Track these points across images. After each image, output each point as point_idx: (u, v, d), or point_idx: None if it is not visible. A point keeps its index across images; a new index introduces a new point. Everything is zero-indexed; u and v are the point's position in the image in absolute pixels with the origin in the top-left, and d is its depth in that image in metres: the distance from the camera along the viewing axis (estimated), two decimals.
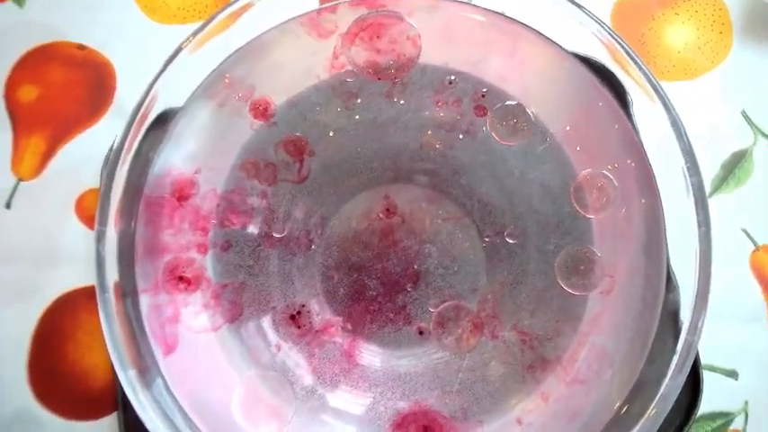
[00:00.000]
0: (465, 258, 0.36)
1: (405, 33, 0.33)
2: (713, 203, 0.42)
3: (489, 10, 0.33)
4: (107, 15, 0.42)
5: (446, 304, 0.35)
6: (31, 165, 0.40)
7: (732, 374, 0.41)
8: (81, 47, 0.42)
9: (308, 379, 0.33)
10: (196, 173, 0.32)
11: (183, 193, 0.31)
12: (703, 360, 0.39)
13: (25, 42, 0.42)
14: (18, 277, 0.39)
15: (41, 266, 0.39)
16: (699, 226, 0.30)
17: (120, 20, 0.42)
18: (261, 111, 0.33)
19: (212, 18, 0.31)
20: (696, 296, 0.30)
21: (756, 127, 0.44)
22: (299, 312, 0.34)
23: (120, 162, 0.29)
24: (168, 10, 0.42)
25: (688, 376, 0.38)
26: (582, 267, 0.33)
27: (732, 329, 0.42)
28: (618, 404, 0.30)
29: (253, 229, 0.34)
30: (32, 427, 0.37)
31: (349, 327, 0.35)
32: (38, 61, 0.42)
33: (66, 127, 0.41)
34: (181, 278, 0.31)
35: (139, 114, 0.30)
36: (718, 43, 0.44)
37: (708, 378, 0.39)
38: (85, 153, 0.40)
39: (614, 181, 0.33)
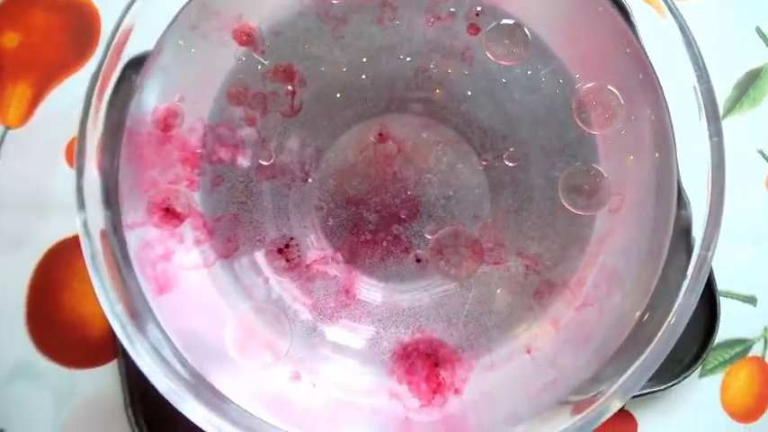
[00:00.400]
0: (467, 187, 0.34)
1: None
2: (727, 125, 0.40)
3: None
4: None
5: (444, 230, 0.34)
6: (17, 113, 0.39)
7: (750, 300, 0.40)
8: None
9: (306, 315, 0.33)
10: (179, 101, 0.31)
11: (167, 123, 0.30)
12: (720, 287, 0.38)
13: None
14: (11, 227, 0.38)
15: (34, 215, 0.38)
16: (710, 137, 0.28)
17: None
18: (245, 39, 0.32)
19: None
20: (709, 211, 0.28)
21: None
22: (287, 245, 0.33)
23: (96, 93, 0.28)
24: None
25: (705, 303, 0.37)
26: (587, 187, 0.32)
27: (749, 255, 0.40)
28: (630, 326, 0.29)
29: (244, 162, 0.33)
30: (34, 377, 0.37)
31: (340, 258, 0.34)
32: (19, 7, 0.40)
33: (51, 72, 0.40)
34: (167, 209, 0.30)
35: (114, 44, 0.28)
36: None
37: (725, 305, 0.38)
38: (73, 98, 0.39)
39: (619, 96, 0.31)
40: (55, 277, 0.38)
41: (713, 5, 0.42)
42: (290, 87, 0.33)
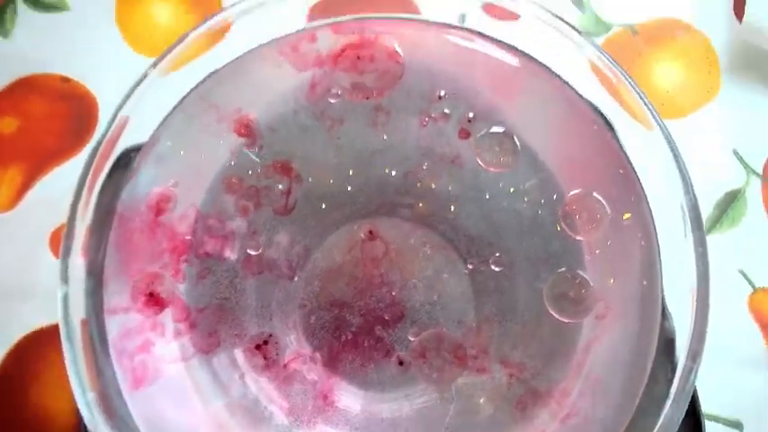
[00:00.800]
0: (452, 294, 0.34)
1: (386, 52, 0.33)
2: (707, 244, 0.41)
3: (484, 36, 0.33)
4: (92, 47, 0.42)
5: (427, 332, 0.33)
6: (6, 197, 0.39)
7: (737, 425, 0.39)
8: (65, 79, 0.41)
9: (282, 418, 0.31)
10: (173, 186, 0.31)
11: (159, 207, 0.30)
12: (705, 410, 0.37)
13: (9, 74, 0.41)
14: None
15: (11, 302, 0.38)
16: (695, 248, 0.29)
17: (105, 51, 0.42)
18: (243, 131, 0.32)
19: (182, 38, 0.30)
20: (694, 322, 0.28)
21: (749, 166, 0.43)
22: (265, 342, 0.32)
23: (88, 184, 0.28)
24: (153, 41, 0.42)
25: (690, 428, 0.36)
26: (572, 294, 0.32)
27: (734, 377, 0.40)
28: None
29: (231, 255, 0.33)
30: None
31: (319, 357, 0.33)
32: (20, 93, 0.41)
33: (44, 159, 0.40)
34: (151, 294, 0.29)
35: (107, 137, 0.29)
36: (707, 82, 0.44)
37: (710, 429, 0.37)
38: (63, 186, 0.39)
39: (605, 204, 0.32)
40: (25, 368, 0.37)
41: (694, 128, 0.44)
42: (280, 186, 0.33)
